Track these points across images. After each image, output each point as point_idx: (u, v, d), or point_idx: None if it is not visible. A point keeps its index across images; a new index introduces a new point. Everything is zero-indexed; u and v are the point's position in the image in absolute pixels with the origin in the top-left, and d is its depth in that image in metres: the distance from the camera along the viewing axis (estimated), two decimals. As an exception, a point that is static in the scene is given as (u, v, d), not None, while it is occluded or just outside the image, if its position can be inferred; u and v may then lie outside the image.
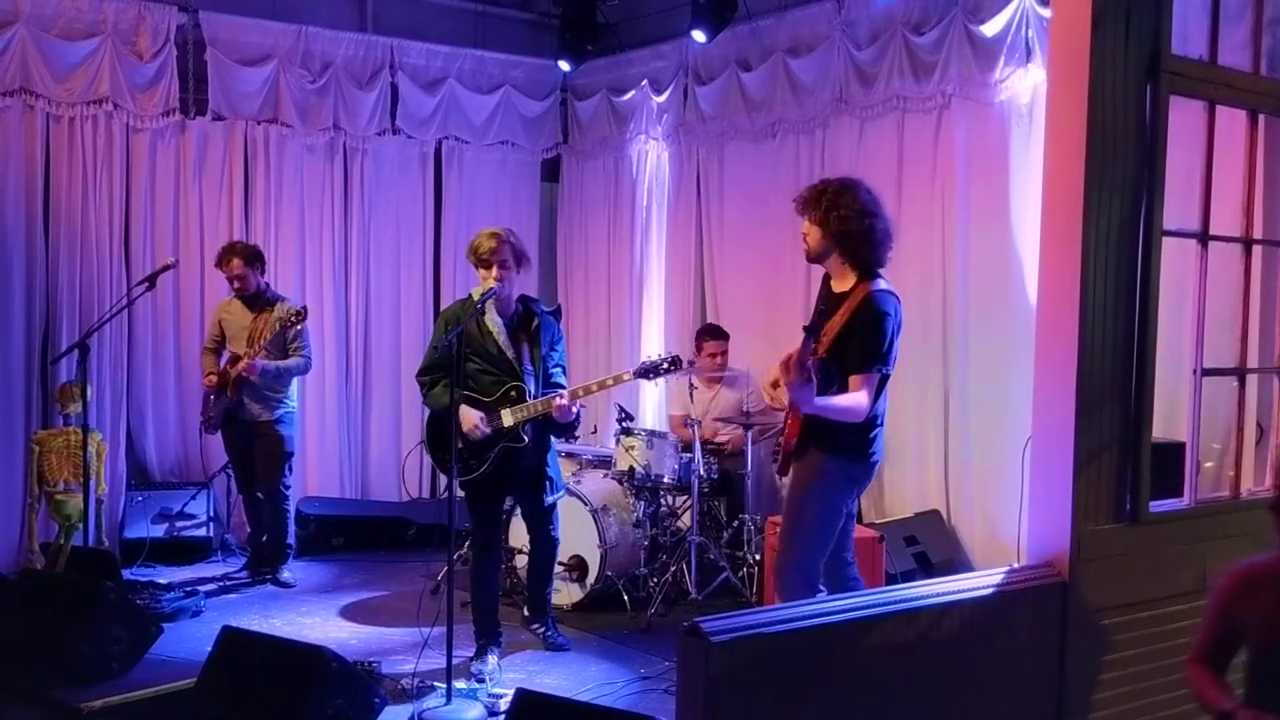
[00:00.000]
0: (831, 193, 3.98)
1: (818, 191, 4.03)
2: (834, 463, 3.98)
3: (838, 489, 4.03)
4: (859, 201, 3.96)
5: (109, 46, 6.87)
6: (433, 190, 8.26)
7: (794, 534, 4.03)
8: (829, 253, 4.02)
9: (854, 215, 3.93)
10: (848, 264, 4.01)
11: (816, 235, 4.02)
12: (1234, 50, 3.95)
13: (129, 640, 4.39)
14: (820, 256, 4.07)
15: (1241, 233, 3.88)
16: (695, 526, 5.98)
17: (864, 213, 3.94)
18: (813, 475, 4.00)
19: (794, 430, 4.01)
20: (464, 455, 4.91)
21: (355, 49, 7.75)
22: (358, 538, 7.47)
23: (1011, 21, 5.74)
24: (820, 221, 3.98)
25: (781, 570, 4.06)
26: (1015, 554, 5.23)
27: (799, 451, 4.02)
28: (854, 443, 3.97)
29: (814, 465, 3.99)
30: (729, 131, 7.47)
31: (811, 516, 4.01)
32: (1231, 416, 3.94)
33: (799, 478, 4.06)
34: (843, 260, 4.01)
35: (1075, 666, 3.33)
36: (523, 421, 4.91)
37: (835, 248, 3.99)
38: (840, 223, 3.93)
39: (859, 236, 3.94)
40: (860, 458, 4.01)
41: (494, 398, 4.93)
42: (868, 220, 3.94)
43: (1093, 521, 3.35)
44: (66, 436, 6.45)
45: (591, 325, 8.61)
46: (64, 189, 6.87)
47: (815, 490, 4.00)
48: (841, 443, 3.95)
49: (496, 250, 4.85)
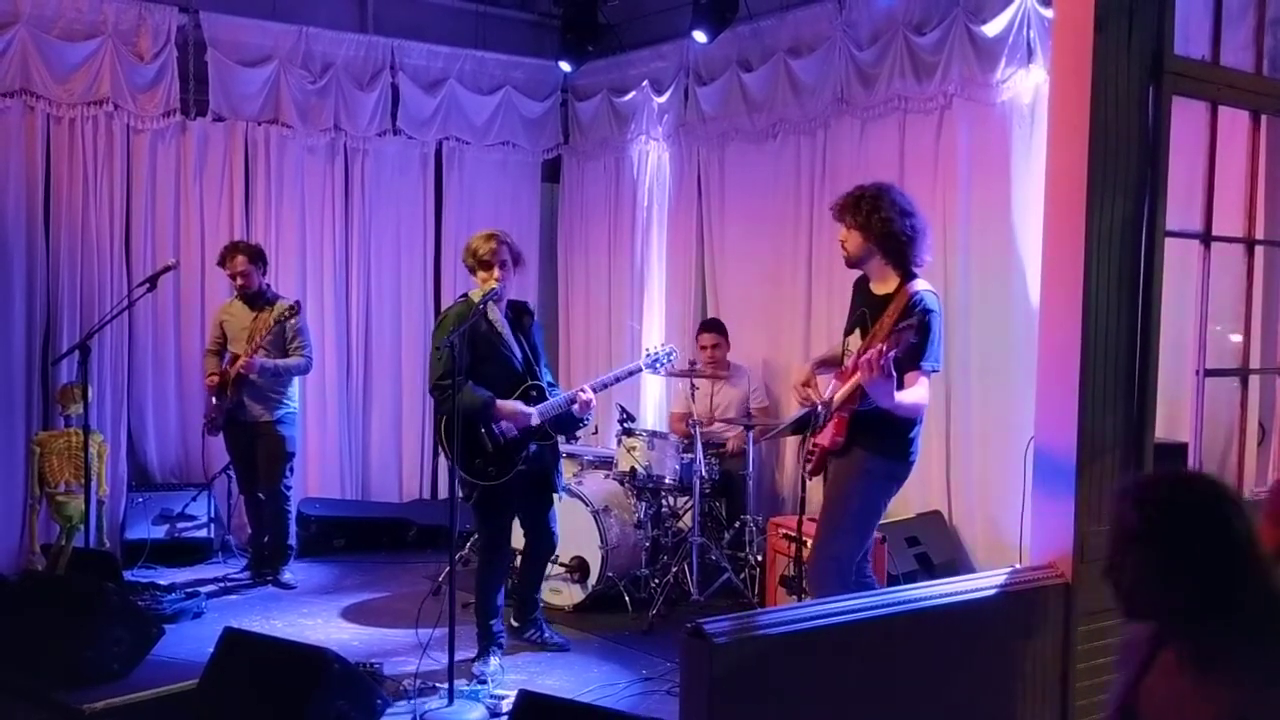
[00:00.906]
0: (870, 197, 4.06)
1: (855, 197, 4.10)
2: (878, 461, 4.06)
3: (880, 486, 4.11)
4: (897, 204, 4.04)
5: (109, 47, 6.86)
6: (433, 191, 8.25)
7: (834, 527, 4.10)
8: (871, 256, 4.09)
9: (895, 217, 4.01)
10: (890, 265, 4.08)
11: (857, 240, 4.09)
12: (1236, 51, 3.95)
13: (130, 641, 4.39)
14: (861, 261, 4.14)
15: (1244, 233, 3.88)
16: (697, 527, 5.97)
17: (904, 213, 4.03)
18: (857, 472, 4.06)
19: (840, 429, 4.04)
20: (494, 458, 4.92)
21: (356, 50, 7.75)
22: (359, 539, 7.46)
23: (1013, 22, 5.73)
24: (862, 226, 4.05)
25: (818, 561, 4.12)
26: (1017, 555, 5.22)
27: (845, 449, 4.07)
28: (897, 442, 4.05)
29: (858, 463, 4.06)
30: (730, 132, 7.46)
31: (853, 512, 4.08)
32: (1234, 417, 3.93)
33: (841, 474, 4.11)
34: (885, 262, 4.08)
35: (1079, 667, 3.32)
36: (549, 419, 4.99)
37: (878, 250, 4.06)
38: (883, 225, 4.00)
39: (902, 238, 4.02)
40: (902, 457, 4.10)
41: (515, 398, 4.97)
42: (909, 221, 4.03)
43: (1095, 522, 3.34)
44: (67, 438, 6.44)
45: (592, 326, 8.60)
46: (64, 190, 6.86)
47: (859, 487, 4.07)
48: (886, 442, 4.03)
49: (497, 251, 4.86)
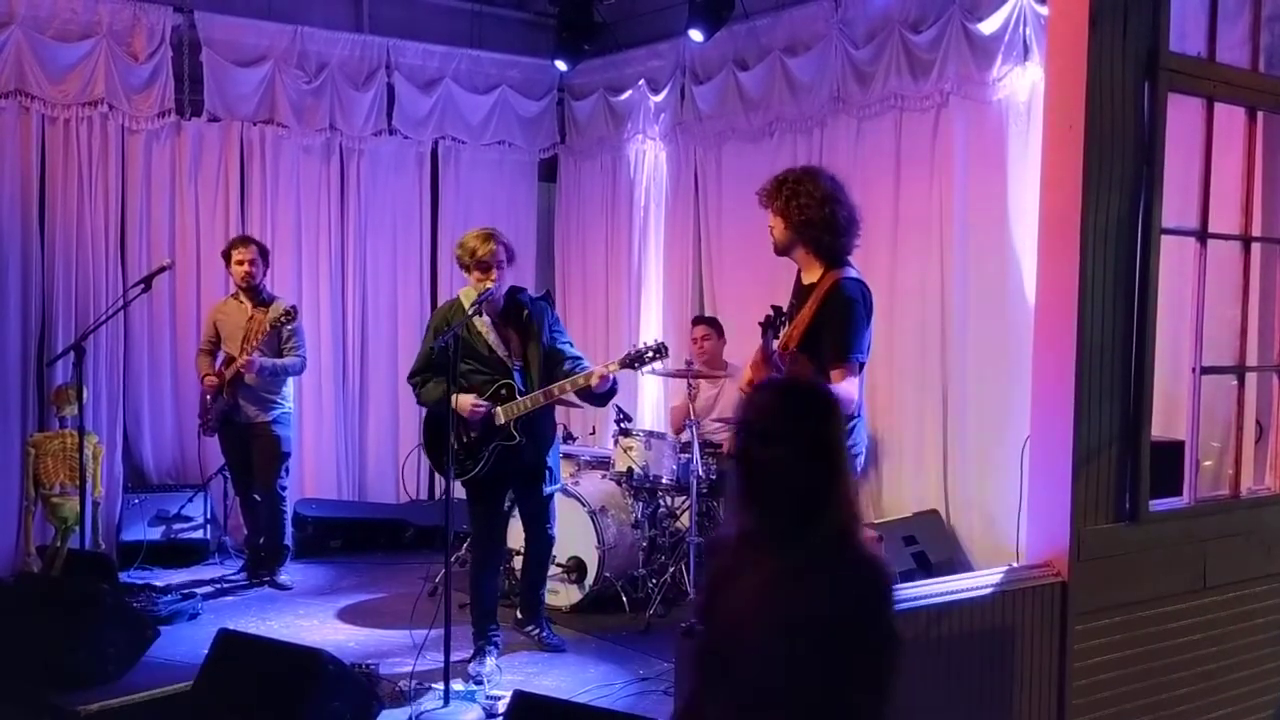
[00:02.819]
0: (792, 181, 3.90)
1: (779, 182, 3.94)
2: None
3: None
4: (820, 189, 3.86)
5: (104, 48, 6.85)
6: (429, 191, 8.24)
7: None
8: (794, 244, 3.94)
9: (815, 204, 3.84)
10: (813, 254, 3.93)
11: (780, 227, 3.94)
12: (1232, 47, 3.94)
13: (126, 643, 4.38)
14: (786, 249, 3.99)
15: (1240, 230, 3.86)
16: (694, 527, 5.95)
17: (825, 200, 3.85)
18: None
19: None
20: (460, 456, 4.91)
21: (351, 49, 7.73)
22: (355, 539, 7.45)
23: (1009, 19, 5.73)
24: (782, 212, 3.90)
25: None
26: (1014, 554, 5.22)
27: None
28: None
29: None
30: (726, 131, 7.46)
31: None
32: (1231, 415, 3.92)
33: None
34: (808, 251, 3.93)
35: (1075, 666, 3.31)
36: (515, 418, 4.90)
37: (799, 238, 3.91)
38: (801, 212, 3.85)
39: (821, 225, 3.85)
40: None
41: (486, 396, 4.93)
42: (829, 208, 3.85)
43: (1092, 521, 3.33)
44: (63, 439, 6.42)
45: (589, 325, 8.59)
46: (59, 191, 6.85)
47: None
48: None
49: (495, 253, 4.84)
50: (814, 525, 2.07)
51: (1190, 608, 3.53)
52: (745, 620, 2.10)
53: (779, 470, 2.09)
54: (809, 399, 2.19)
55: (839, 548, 2.08)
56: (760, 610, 2.08)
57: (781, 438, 2.10)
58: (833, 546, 2.07)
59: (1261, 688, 3.76)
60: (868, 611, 2.04)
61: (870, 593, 2.06)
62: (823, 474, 2.09)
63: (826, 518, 2.08)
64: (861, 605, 2.03)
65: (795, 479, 2.09)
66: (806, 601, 2.02)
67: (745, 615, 2.10)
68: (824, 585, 2.03)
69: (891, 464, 6.47)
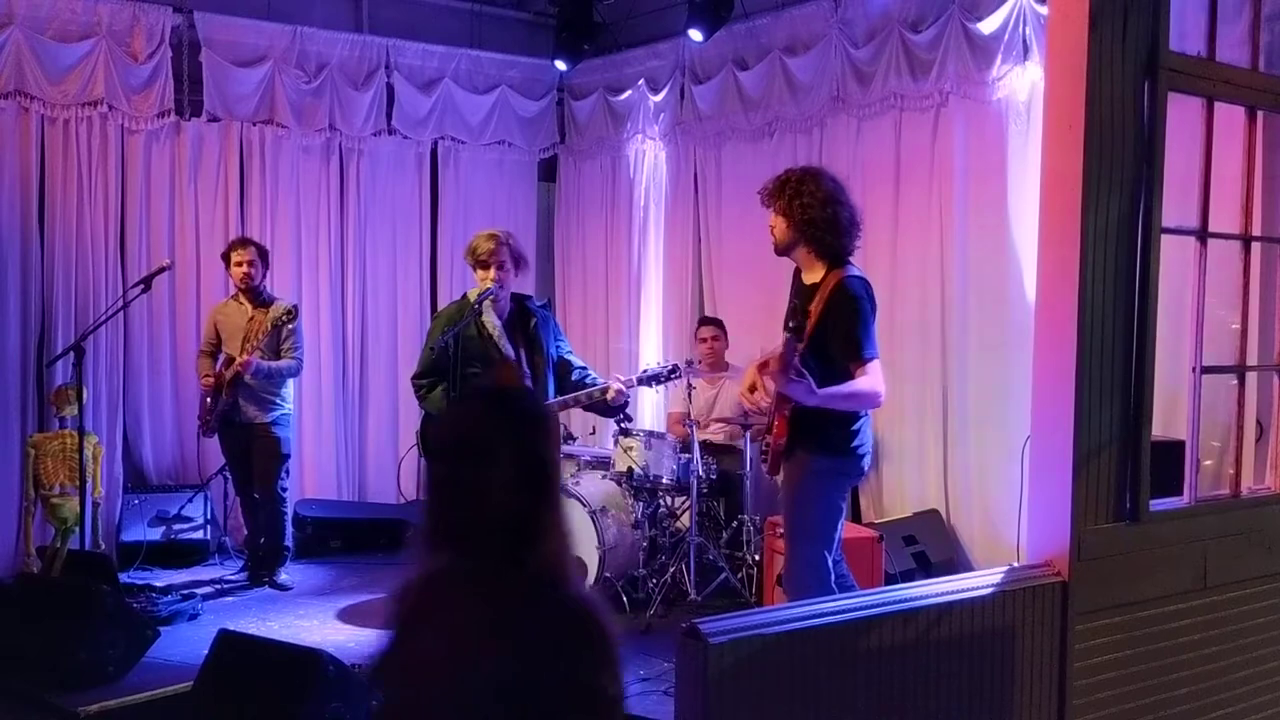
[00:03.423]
0: (794, 181, 3.94)
1: (780, 182, 3.99)
2: (821, 460, 3.98)
3: (831, 485, 4.03)
4: (822, 189, 3.91)
5: (104, 48, 6.85)
6: (429, 191, 8.24)
7: (798, 535, 4.04)
8: (796, 244, 3.99)
9: (817, 203, 3.89)
10: (815, 254, 3.97)
11: (782, 226, 3.99)
12: (1232, 47, 3.94)
13: (126, 644, 4.39)
14: (788, 248, 4.03)
15: (1240, 230, 3.86)
16: (694, 527, 5.96)
17: (828, 200, 3.90)
18: (804, 475, 4.00)
19: (782, 430, 3.99)
20: None
21: (351, 49, 7.74)
22: (355, 540, 7.45)
23: (1009, 19, 5.73)
24: (785, 211, 3.94)
25: (791, 569, 4.07)
26: (1015, 553, 5.22)
27: (787, 452, 4.02)
28: (837, 438, 3.96)
29: (803, 464, 3.99)
30: (726, 131, 7.46)
31: (812, 517, 4.01)
32: (1231, 414, 3.92)
33: (791, 478, 4.06)
34: (810, 250, 3.97)
35: (1076, 666, 3.31)
36: None
37: (801, 238, 3.95)
38: (804, 211, 3.89)
39: (824, 224, 3.90)
40: (846, 453, 4.00)
41: None
42: (831, 208, 3.90)
43: (1092, 520, 3.33)
44: (62, 439, 6.42)
45: (589, 325, 8.59)
46: (59, 191, 6.85)
47: (810, 490, 4.00)
48: (826, 440, 3.95)
49: (495, 252, 4.85)
50: (520, 564, 1.77)
51: (1191, 607, 3.52)
52: (434, 679, 1.77)
53: (485, 497, 1.77)
54: (523, 411, 1.86)
55: (548, 591, 1.76)
56: (453, 667, 1.75)
57: (491, 458, 1.77)
58: (541, 590, 1.76)
59: (1263, 687, 3.76)
60: (583, 669, 1.73)
61: (585, 648, 1.74)
62: (534, 502, 1.78)
63: (535, 554, 1.77)
64: (574, 662, 1.73)
65: (504, 507, 1.77)
66: (509, 658, 1.71)
67: (434, 673, 1.77)
68: (530, 638, 1.71)
69: (891, 464, 6.47)
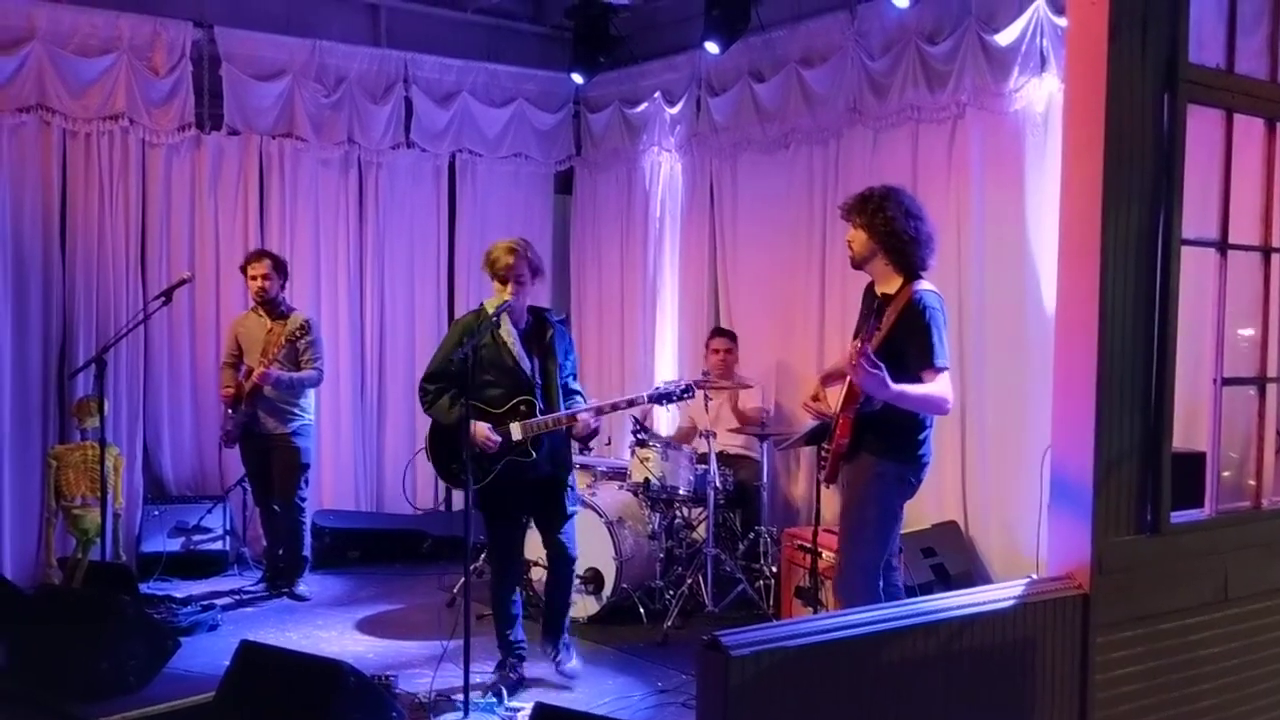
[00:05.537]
0: (878, 197, 4.12)
1: (863, 197, 4.17)
2: (886, 464, 4.06)
3: (893, 490, 4.11)
4: (904, 205, 4.10)
5: (125, 62, 6.91)
6: (446, 203, 8.29)
7: (854, 537, 4.11)
8: (874, 256, 4.15)
9: (900, 217, 4.07)
10: (893, 266, 4.13)
11: (862, 239, 4.15)
12: (1251, 58, 3.93)
13: (146, 655, 4.41)
14: (865, 260, 4.19)
15: (1260, 241, 3.85)
16: (711, 538, 5.96)
17: (909, 215, 4.09)
18: (867, 478, 4.07)
19: (845, 430, 4.06)
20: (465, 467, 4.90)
21: (369, 63, 7.79)
22: (373, 550, 7.47)
23: (1026, 30, 5.72)
24: (867, 225, 4.11)
25: (843, 572, 4.13)
26: (1034, 565, 5.20)
27: (850, 455, 4.07)
28: (905, 444, 4.06)
29: (867, 468, 4.06)
30: (742, 142, 7.47)
31: (870, 520, 4.09)
32: (1252, 426, 3.91)
33: (852, 482, 4.12)
34: (888, 263, 4.13)
35: (1097, 679, 3.30)
36: (531, 436, 4.91)
37: (881, 250, 4.12)
38: (887, 224, 4.07)
39: (905, 238, 4.07)
40: (911, 459, 4.09)
41: (502, 410, 4.92)
42: (913, 223, 4.08)
43: (1113, 532, 3.32)
44: (84, 451, 6.47)
45: (605, 337, 8.61)
46: (80, 204, 6.91)
47: (871, 493, 4.07)
48: (892, 445, 4.04)
49: (513, 266, 4.86)
50: None
51: (1212, 619, 3.51)
52: None
53: None
54: None
55: None
56: None
57: None
58: None
59: (1285, 700, 3.74)
60: None
61: None
62: None
63: None
64: None
65: None
66: None
67: None
68: None
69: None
